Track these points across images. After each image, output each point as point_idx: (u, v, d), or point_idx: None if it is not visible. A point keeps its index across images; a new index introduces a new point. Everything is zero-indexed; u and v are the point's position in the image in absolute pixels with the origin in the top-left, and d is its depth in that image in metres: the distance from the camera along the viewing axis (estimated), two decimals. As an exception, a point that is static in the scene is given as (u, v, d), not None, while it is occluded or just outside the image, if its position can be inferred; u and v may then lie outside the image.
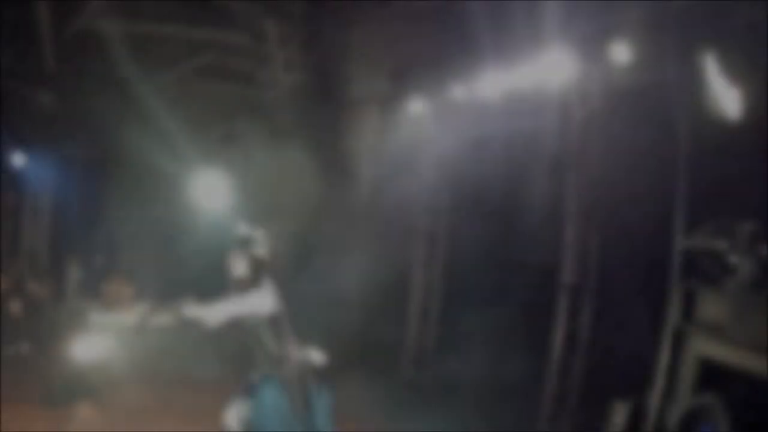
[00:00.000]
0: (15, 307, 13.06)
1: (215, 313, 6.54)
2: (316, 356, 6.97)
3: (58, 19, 12.72)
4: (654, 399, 8.12)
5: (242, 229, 6.90)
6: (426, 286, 13.71)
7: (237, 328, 6.74)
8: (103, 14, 12.59)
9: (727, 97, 7.26)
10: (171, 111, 15.27)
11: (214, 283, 12.88)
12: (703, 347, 7.34)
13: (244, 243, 6.80)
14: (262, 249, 6.81)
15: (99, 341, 12.17)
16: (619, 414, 8.66)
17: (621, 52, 9.19)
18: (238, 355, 7.06)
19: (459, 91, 12.19)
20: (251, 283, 6.75)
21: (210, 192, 12.53)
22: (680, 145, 7.97)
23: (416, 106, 13.67)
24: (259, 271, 6.80)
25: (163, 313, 6.65)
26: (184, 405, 10.83)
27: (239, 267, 6.76)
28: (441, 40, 13.55)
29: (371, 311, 14.81)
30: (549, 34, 9.80)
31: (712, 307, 7.40)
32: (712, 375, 7.30)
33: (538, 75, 10.46)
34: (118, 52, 13.43)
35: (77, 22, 12.66)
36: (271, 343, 6.67)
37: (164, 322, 6.66)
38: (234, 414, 6.85)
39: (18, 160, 15.18)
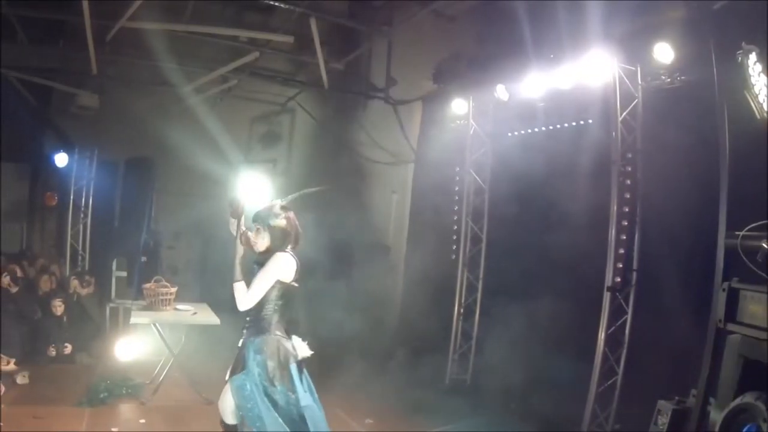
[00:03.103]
0: (58, 307, 13.21)
1: (253, 297, 6.75)
2: (300, 346, 7.01)
3: (101, 19, 12.87)
4: (697, 399, 8.14)
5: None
6: (468, 286, 13.76)
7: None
8: (145, 15, 12.74)
9: (768, 96, 7.33)
10: (213, 111, 15.45)
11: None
12: (746, 347, 7.35)
13: (261, 216, 6.93)
14: (279, 221, 6.91)
15: (142, 341, 12.35)
16: (663, 413, 8.71)
17: (663, 52, 9.29)
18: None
19: (502, 91, 12.27)
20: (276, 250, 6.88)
21: (253, 191, 12.69)
22: (722, 145, 7.98)
23: (459, 106, 13.76)
24: (284, 242, 6.93)
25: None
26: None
27: (261, 241, 6.90)
28: (483, 40, 13.64)
29: (414, 311, 14.90)
30: (591, 34, 9.88)
31: (755, 307, 7.40)
32: (755, 375, 7.31)
33: (581, 74, 10.55)
34: (160, 52, 13.57)
35: (120, 22, 12.81)
36: (272, 307, 6.85)
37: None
38: (228, 401, 6.99)
39: (61, 159, 15.35)
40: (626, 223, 10.16)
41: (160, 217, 15.89)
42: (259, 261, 6.93)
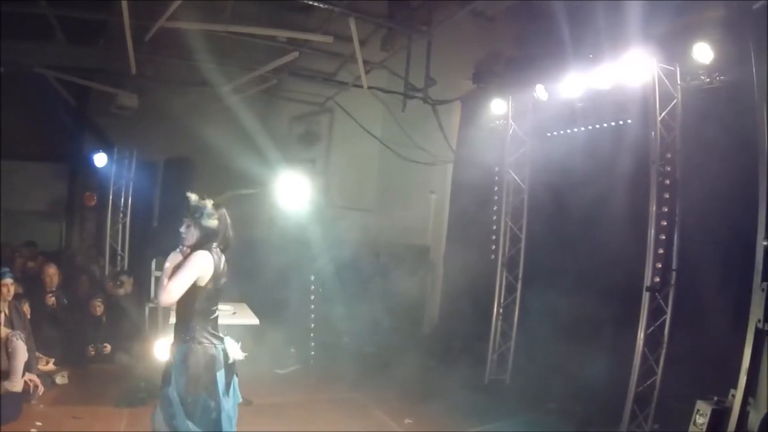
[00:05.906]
0: (97, 307, 13.38)
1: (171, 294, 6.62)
2: (233, 348, 7.07)
3: (140, 19, 13.00)
4: (736, 399, 8.18)
5: (192, 198, 6.97)
6: (507, 285, 13.83)
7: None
8: (184, 14, 12.83)
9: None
10: (252, 110, 15.56)
11: (293, 282, 13.19)
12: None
13: (193, 213, 6.88)
14: (211, 221, 6.88)
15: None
16: (702, 413, 8.76)
17: (702, 52, 9.36)
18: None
19: (541, 91, 12.33)
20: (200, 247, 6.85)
21: (291, 192, 12.78)
22: (762, 144, 8.02)
23: (498, 106, 13.84)
24: (210, 240, 6.89)
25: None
26: (265, 403, 11.10)
27: (189, 236, 6.87)
28: (522, 40, 13.71)
29: (453, 311, 14.98)
30: (630, 34, 9.96)
31: (794, 307, 7.44)
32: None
33: (620, 74, 10.63)
34: (199, 52, 13.68)
35: (159, 22, 12.93)
36: (198, 310, 6.81)
37: None
38: (159, 414, 7.02)
39: (100, 159, 15.53)
40: (665, 223, 10.23)
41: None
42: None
